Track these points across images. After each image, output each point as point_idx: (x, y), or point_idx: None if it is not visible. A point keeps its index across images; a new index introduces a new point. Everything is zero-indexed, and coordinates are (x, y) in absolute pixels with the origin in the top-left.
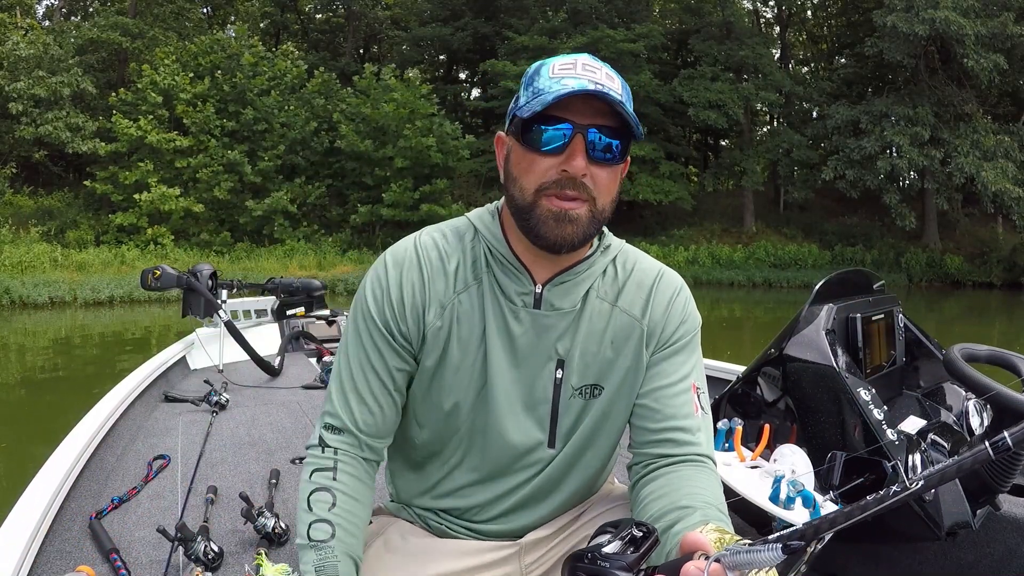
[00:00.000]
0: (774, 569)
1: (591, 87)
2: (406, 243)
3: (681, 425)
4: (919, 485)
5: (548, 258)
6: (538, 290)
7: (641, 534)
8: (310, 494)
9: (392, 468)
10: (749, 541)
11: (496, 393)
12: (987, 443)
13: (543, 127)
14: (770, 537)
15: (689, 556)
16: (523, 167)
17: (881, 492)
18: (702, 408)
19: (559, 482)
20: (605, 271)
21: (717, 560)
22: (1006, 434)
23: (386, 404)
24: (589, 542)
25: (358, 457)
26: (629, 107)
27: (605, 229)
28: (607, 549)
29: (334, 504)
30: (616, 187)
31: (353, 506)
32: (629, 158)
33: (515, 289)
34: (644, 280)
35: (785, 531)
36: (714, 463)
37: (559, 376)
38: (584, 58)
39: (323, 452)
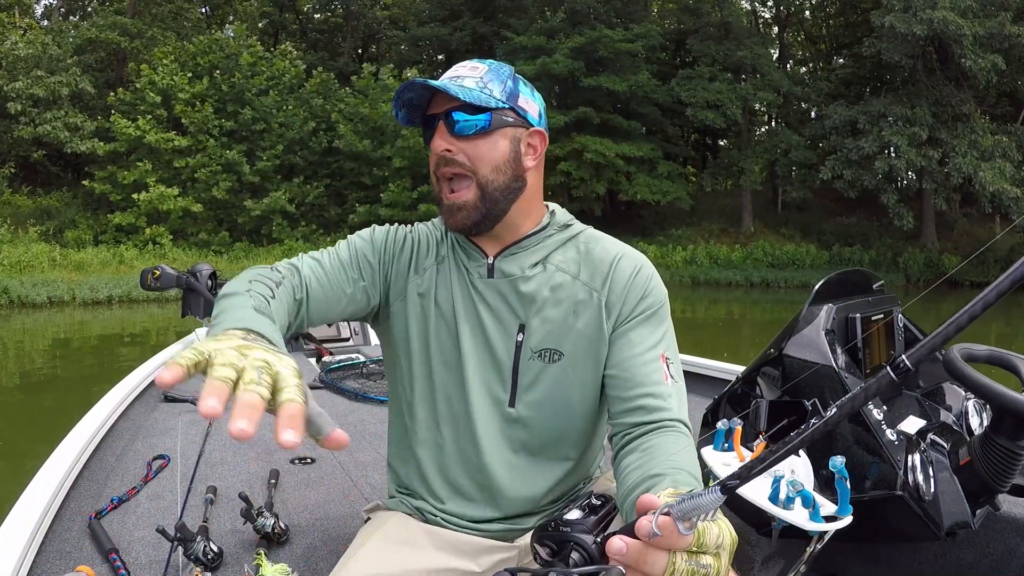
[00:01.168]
0: (721, 518)
1: (415, 80)
2: (408, 226)
3: (651, 391)
4: (832, 412)
5: (492, 236)
6: (490, 261)
7: (600, 502)
8: (253, 276)
9: (390, 458)
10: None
11: (465, 358)
12: (887, 367)
13: (425, 127)
14: (711, 484)
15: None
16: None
17: (803, 427)
18: (672, 377)
19: (535, 456)
20: (567, 247)
21: (666, 513)
22: (904, 356)
23: (335, 280)
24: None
25: (293, 290)
26: (480, 87)
27: (565, 214)
28: (568, 516)
29: (274, 295)
30: (499, 157)
31: (277, 308)
32: (535, 129)
33: (471, 264)
34: (605, 257)
35: (725, 476)
36: (687, 427)
37: (520, 339)
38: (463, 63)
39: (270, 270)
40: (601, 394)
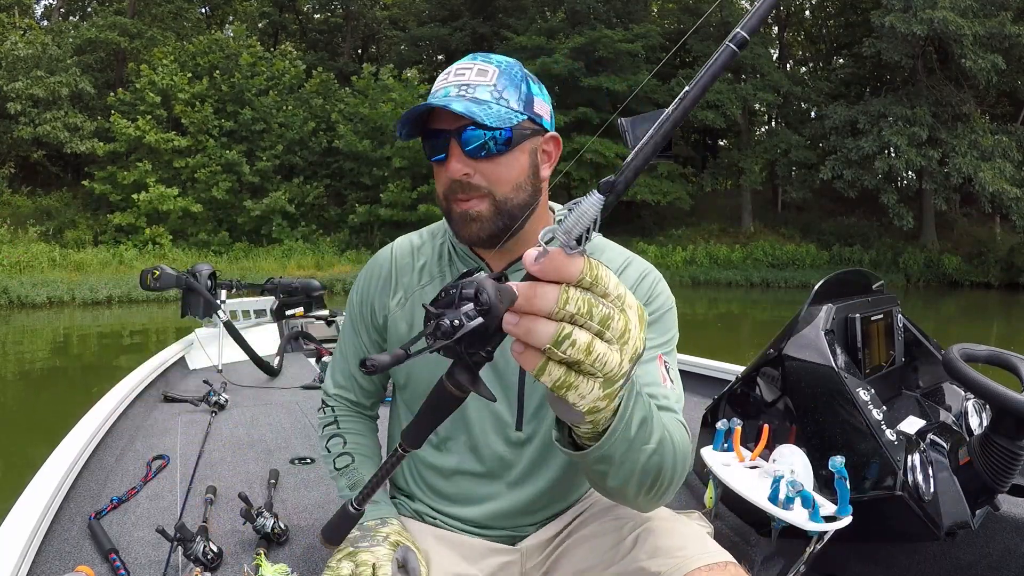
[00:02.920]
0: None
1: (433, 102)
2: (388, 246)
3: (649, 392)
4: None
5: (502, 250)
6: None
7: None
8: (326, 443)
9: None
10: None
11: None
12: (727, 42)
13: (427, 139)
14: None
15: None
16: (434, 176)
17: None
18: (671, 380)
19: (539, 473)
20: None
21: (552, 238)
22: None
23: (366, 381)
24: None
25: (354, 411)
26: (495, 98)
27: None
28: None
29: (346, 442)
30: (519, 174)
31: (362, 440)
32: (551, 134)
33: None
34: (610, 266)
35: (603, 181)
36: (685, 426)
37: None
38: (465, 62)
39: (324, 413)
40: None
